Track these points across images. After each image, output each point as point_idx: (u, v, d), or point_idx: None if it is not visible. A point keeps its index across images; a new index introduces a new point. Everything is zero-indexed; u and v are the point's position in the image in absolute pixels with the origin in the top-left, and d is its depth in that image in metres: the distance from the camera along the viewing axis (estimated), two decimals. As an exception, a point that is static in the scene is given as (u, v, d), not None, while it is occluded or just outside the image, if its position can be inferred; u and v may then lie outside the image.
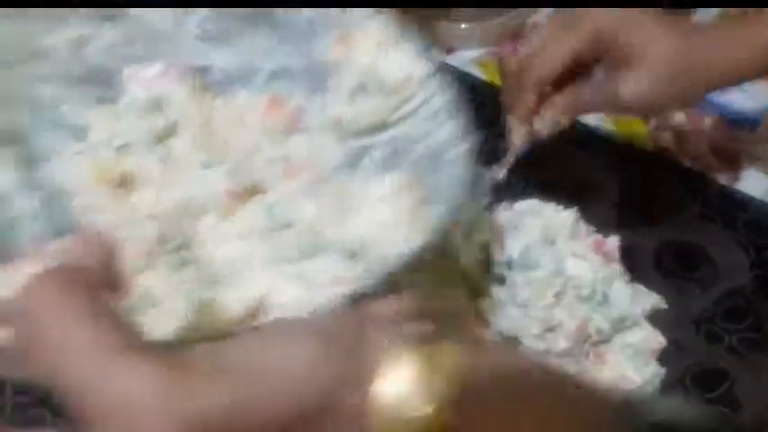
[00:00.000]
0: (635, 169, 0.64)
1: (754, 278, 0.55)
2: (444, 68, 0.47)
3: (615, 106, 0.49)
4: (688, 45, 0.46)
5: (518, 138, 0.52)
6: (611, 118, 0.72)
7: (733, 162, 0.67)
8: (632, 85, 0.46)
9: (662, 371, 0.48)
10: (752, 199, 0.63)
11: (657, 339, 0.50)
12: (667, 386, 0.48)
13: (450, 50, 0.83)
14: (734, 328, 0.51)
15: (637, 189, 0.59)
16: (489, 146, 0.63)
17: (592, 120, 0.71)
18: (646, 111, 0.59)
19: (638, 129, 0.70)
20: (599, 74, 0.50)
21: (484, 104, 0.74)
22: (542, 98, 0.50)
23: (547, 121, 0.50)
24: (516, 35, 0.83)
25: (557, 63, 0.48)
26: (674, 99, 0.50)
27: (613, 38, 0.46)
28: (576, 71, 0.49)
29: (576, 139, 0.68)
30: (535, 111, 0.50)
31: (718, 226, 0.59)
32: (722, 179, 0.65)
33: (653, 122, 0.71)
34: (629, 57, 0.46)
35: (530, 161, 0.52)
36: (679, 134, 0.69)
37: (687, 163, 0.67)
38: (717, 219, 0.60)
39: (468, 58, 0.81)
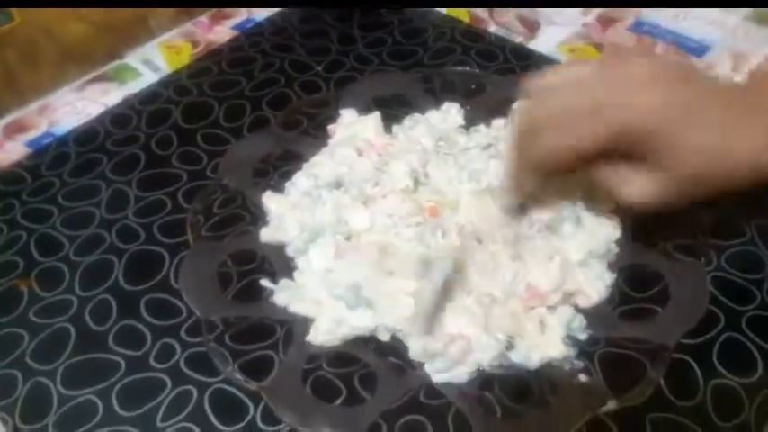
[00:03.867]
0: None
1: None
2: None
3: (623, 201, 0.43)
4: (720, 148, 0.39)
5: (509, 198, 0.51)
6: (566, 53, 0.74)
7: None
8: (639, 187, 0.41)
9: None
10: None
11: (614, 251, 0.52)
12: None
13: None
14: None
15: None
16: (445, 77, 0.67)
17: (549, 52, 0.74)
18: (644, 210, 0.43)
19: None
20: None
21: (443, 35, 0.76)
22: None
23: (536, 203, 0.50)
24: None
25: (569, 158, 0.41)
26: (683, 200, 0.42)
27: (642, 139, 0.39)
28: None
29: (538, 69, 0.70)
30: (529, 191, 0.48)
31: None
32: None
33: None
34: (650, 159, 0.40)
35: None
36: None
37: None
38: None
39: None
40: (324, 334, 0.47)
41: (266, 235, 0.54)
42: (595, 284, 0.49)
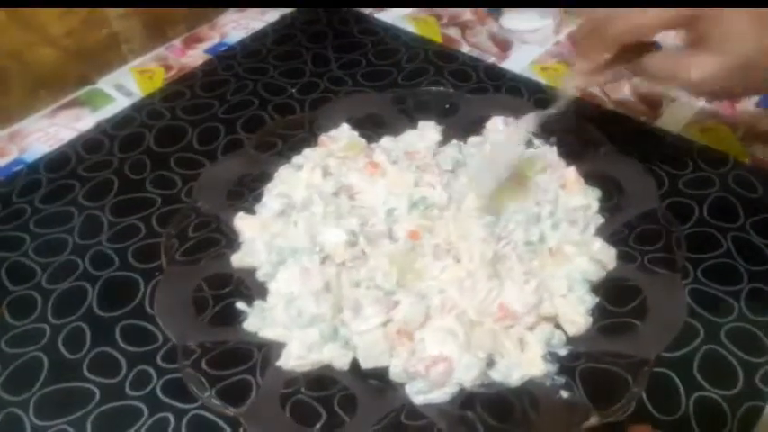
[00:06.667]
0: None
1: (667, 206, 0.58)
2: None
3: (681, 82, 0.46)
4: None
5: (571, 87, 0.52)
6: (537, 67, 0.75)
7: (654, 104, 0.70)
8: (704, 69, 0.44)
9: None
10: (668, 134, 0.66)
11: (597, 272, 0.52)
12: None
13: (381, 7, 0.85)
14: (646, 249, 0.54)
15: (566, 130, 0.62)
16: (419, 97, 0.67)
17: (522, 71, 0.74)
18: (710, 95, 0.56)
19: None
20: (672, 46, 0.47)
21: (417, 56, 0.77)
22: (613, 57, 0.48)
23: (609, 79, 0.52)
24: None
25: (643, 25, 0.46)
26: (745, 90, 0.50)
27: (702, 13, 0.44)
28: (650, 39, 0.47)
29: (511, 89, 0.72)
30: (602, 67, 0.49)
31: (634, 159, 0.62)
32: (643, 119, 0.68)
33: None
34: (709, 37, 0.44)
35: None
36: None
37: (611, 106, 0.70)
38: (633, 153, 0.63)
39: (400, 14, 0.83)
40: (295, 359, 0.46)
41: (237, 260, 0.53)
42: (578, 308, 0.49)
